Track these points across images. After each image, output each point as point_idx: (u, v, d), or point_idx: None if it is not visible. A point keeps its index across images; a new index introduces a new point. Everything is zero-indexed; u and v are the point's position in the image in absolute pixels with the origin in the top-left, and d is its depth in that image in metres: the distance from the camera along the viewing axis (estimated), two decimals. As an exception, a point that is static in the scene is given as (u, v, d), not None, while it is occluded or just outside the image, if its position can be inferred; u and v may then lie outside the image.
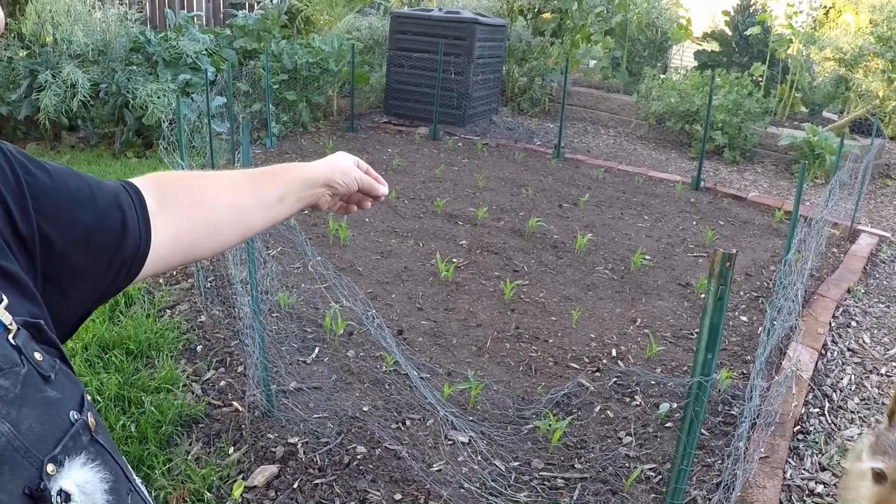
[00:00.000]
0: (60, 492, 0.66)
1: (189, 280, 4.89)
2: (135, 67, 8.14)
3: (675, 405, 3.73)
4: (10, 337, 0.69)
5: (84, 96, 7.62)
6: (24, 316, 0.73)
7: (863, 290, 5.61)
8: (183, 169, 4.41)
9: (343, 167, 1.33)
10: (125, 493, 0.77)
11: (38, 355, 0.72)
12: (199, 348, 4.06)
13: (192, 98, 7.84)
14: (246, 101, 9.23)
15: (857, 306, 5.32)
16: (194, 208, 1.06)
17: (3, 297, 0.71)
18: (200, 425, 3.37)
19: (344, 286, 2.92)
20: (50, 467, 0.66)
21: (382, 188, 1.43)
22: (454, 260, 5.45)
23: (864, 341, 4.80)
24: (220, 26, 11.97)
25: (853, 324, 5.04)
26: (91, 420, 0.76)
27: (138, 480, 0.86)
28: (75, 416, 0.73)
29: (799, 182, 3.91)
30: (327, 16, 11.99)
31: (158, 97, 7.73)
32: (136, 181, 1.01)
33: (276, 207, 1.19)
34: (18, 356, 0.69)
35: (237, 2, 12.57)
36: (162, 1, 11.27)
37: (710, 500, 3.01)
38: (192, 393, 3.61)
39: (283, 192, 1.19)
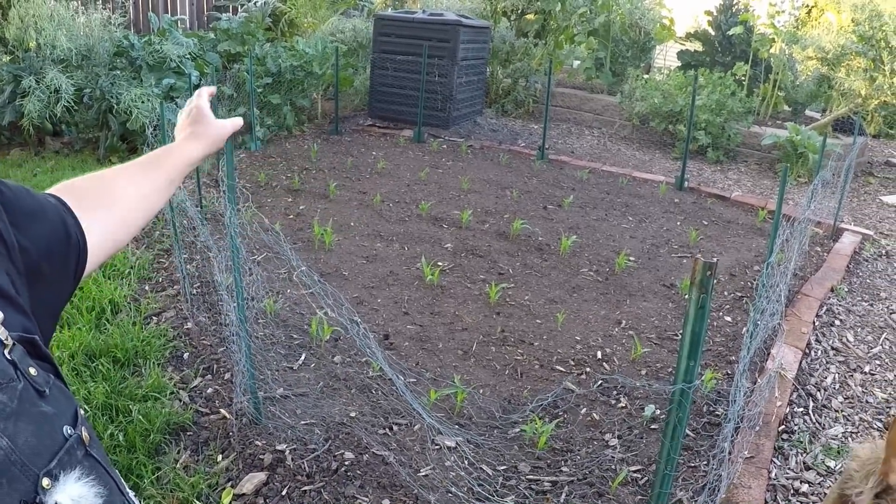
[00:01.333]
0: None
1: (175, 287, 4.89)
2: (118, 72, 8.11)
3: (659, 410, 3.76)
4: (7, 352, 0.70)
5: (68, 101, 7.59)
6: (18, 331, 0.75)
7: (846, 289, 5.65)
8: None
9: (215, 137, 1.47)
10: None
11: (32, 370, 0.73)
12: (185, 355, 4.06)
13: (176, 103, 7.82)
14: (230, 104, 9.20)
15: (840, 305, 5.36)
16: (109, 208, 1.14)
17: (0, 312, 0.72)
18: (188, 433, 3.38)
19: (328, 294, 2.93)
20: (45, 481, 0.67)
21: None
22: (439, 263, 5.47)
23: (847, 340, 4.84)
24: (203, 29, 11.93)
25: (837, 322, 5.09)
26: (85, 435, 0.77)
27: (131, 493, 0.88)
28: (69, 432, 0.74)
29: (781, 185, 3.94)
30: (311, 18, 11.97)
31: (143, 102, 7.71)
32: (55, 191, 1.08)
33: (169, 188, 1.31)
34: (14, 371, 0.70)
35: (221, 5, 12.53)
36: (145, 4, 11.23)
37: (695, 501, 3.03)
38: (180, 401, 3.62)
39: (170, 175, 1.32)
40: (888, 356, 4.67)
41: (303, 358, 4.00)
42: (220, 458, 3.20)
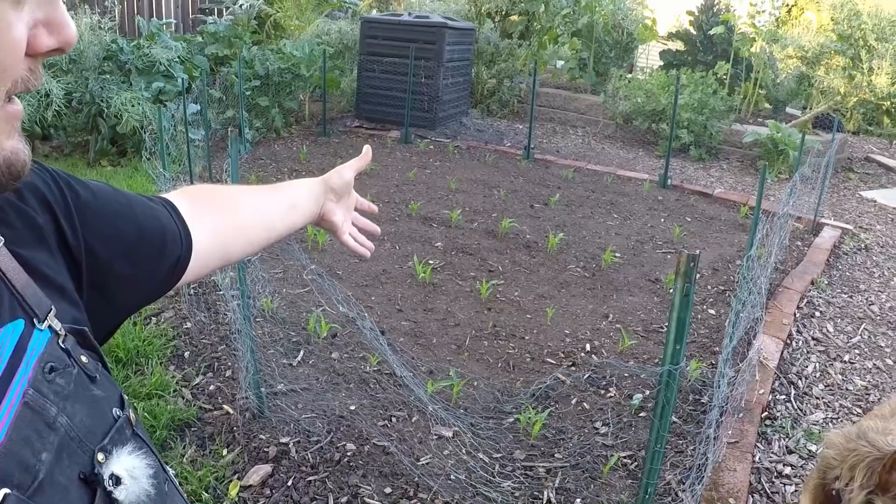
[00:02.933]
0: (112, 475, 0.74)
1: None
2: (108, 76, 8.18)
3: (647, 393, 3.89)
4: (60, 341, 0.78)
5: (58, 106, 7.65)
6: (69, 323, 0.82)
7: (826, 282, 5.80)
8: (165, 179, 4.51)
9: (335, 171, 1.52)
10: (163, 481, 0.85)
11: (84, 358, 0.80)
12: (186, 354, 4.16)
13: (165, 106, 7.90)
14: (219, 107, 9.29)
15: (820, 297, 5.52)
16: (224, 212, 1.20)
17: (53, 306, 0.79)
18: (193, 429, 3.48)
19: (336, 291, 3.04)
20: (100, 456, 0.74)
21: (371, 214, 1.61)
22: (431, 262, 5.58)
23: (827, 330, 4.99)
24: (189, 32, 11.99)
25: (817, 314, 5.24)
26: (132, 416, 0.85)
27: (172, 472, 0.94)
28: (118, 413, 0.82)
29: (760, 181, 4.08)
30: (297, 21, 12.05)
31: (132, 105, 7.79)
32: (170, 195, 1.13)
33: (292, 213, 1.36)
34: (68, 358, 0.77)
35: (206, 7, 12.60)
36: (131, 8, 11.30)
37: (683, 483, 3.17)
38: (183, 398, 3.72)
39: (292, 199, 1.38)
40: (867, 346, 4.82)
41: (301, 354, 4.11)
42: (225, 451, 3.30)
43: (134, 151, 7.92)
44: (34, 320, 0.76)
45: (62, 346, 0.78)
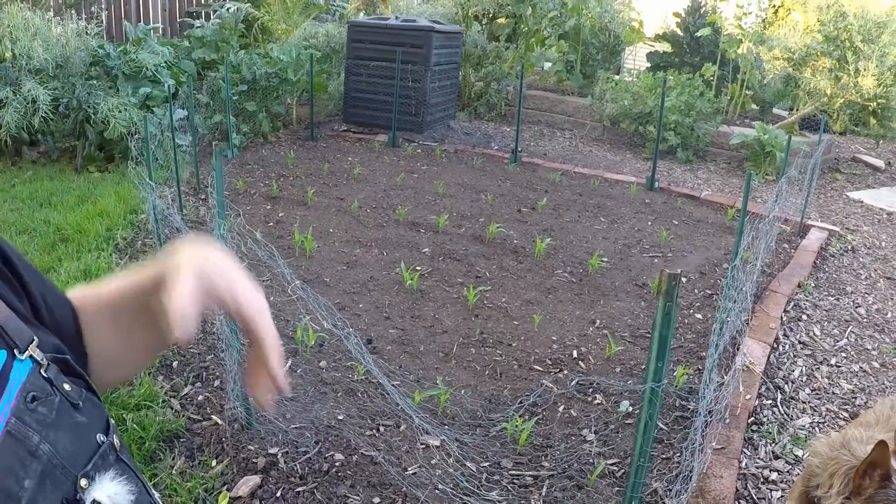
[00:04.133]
0: (94, 502, 0.77)
1: (160, 295, 4.97)
2: (95, 82, 8.17)
3: (633, 407, 3.91)
4: (43, 371, 0.79)
5: (45, 112, 7.63)
6: (51, 352, 0.84)
7: (813, 284, 5.83)
8: (151, 187, 4.51)
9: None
10: None
11: (66, 386, 0.82)
12: (174, 364, 4.16)
13: (153, 111, 7.89)
14: (206, 112, 9.28)
15: (807, 300, 5.54)
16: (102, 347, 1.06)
17: (35, 336, 0.81)
18: (182, 440, 3.48)
19: (321, 305, 3.05)
20: (83, 482, 0.76)
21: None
22: (418, 268, 5.59)
23: (814, 334, 5.02)
24: (177, 36, 11.98)
25: (804, 317, 5.26)
26: (116, 441, 0.86)
27: (157, 495, 0.95)
28: (101, 439, 0.83)
29: (746, 186, 4.11)
30: (284, 24, 12.05)
31: (119, 111, 7.77)
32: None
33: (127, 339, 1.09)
34: (50, 387, 0.79)
35: (193, 11, 12.58)
36: (118, 13, 11.27)
37: (670, 490, 3.19)
38: (172, 409, 3.72)
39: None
40: (853, 349, 4.85)
41: (289, 364, 4.12)
42: (214, 462, 3.31)
43: (122, 157, 7.90)
44: (15, 351, 0.77)
45: (44, 375, 0.79)
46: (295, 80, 10.01)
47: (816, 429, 3.89)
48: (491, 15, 12.89)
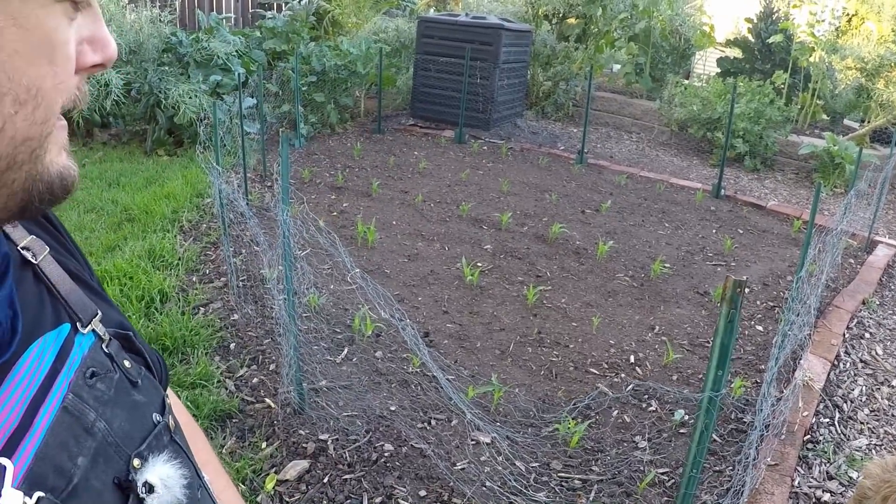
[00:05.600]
0: (145, 483, 0.75)
1: (222, 279, 5.05)
2: (166, 68, 8.32)
3: (688, 416, 3.86)
4: (104, 346, 0.79)
5: (117, 95, 7.78)
6: (114, 327, 0.84)
7: (878, 302, 5.70)
8: (217, 172, 4.57)
9: None
10: (196, 489, 0.86)
11: (127, 363, 0.81)
12: (232, 346, 4.21)
13: (222, 98, 8.01)
14: (275, 102, 9.39)
15: (871, 318, 5.42)
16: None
17: (99, 311, 0.81)
18: (234, 420, 3.53)
19: (380, 296, 3.06)
20: (136, 462, 0.75)
21: None
22: (479, 264, 5.59)
23: (876, 353, 4.90)
24: (248, 26, 12.13)
25: (867, 335, 5.14)
26: (171, 422, 0.86)
27: (207, 478, 0.95)
28: (158, 419, 0.82)
29: (814, 198, 4.02)
30: (355, 18, 12.13)
31: (190, 97, 7.91)
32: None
33: None
34: (111, 363, 0.79)
35: (265, 2, 12.73)
36: (192, 2, 11.45)
37: None
38: (226, 389, 3.77)
39: None
40: (917, 370, 4.73)
41: (345, 352, 4.15)
42: (264, 445, 3.35)
43: (190, 142, 8.04)
44: (78, 325, 0.77)
45: (105, 350, 0.79)
46: (364, 73, 10.08)
47: (873, 451, 3.80)
48: (561, 15, 12.81)
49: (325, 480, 3.12)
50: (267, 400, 3.69)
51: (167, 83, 8.09)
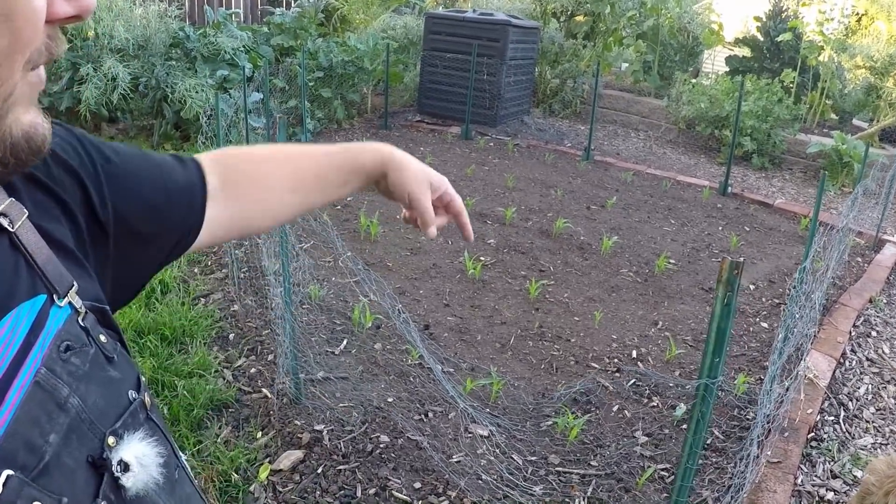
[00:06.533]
0: (120, 461, 0.72)
1: (223, 270, 5.03)
2: (174, 63, 8.31)
3: (688, 410, 3.81)
4: (80, 319, 0.76)
5: (124, 89, 7.78)
6: (91, 300, 0.80)
7: (885, 300, 5.64)
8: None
9: (439, 176, 1.29)
10: (174, 468, 0.84)
11: (102, 337, 0.78)
12: (231, 336, 4.19)
13: (229, 93, 7.99)
14: (282, 97, 9.38)
15: (878, 316, 5.37)
16: (254, 195, 1.13)
17: (75, 282, 0.77)
18: (230, 410, 3.51)
19: (373, 282, 3.03)
20: (111, 440, 0.72)
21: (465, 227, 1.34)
22: (482, 258, 5.56)
23: (883, 351, 4.85)
24: (257, 23, 12.13)
25: (873, 333, 5.09)
26: (147, 399, 0.83)
27: (183, 457, 0.93)
28: (133, 395, 0.80)
29: (819, 192, 3.97)
30: (363, 14, 12.12)
31: (197, 92, 7.89)
32: (206, 159, 1.07)
33: (338, 191, 1.24)
34: (87, 337, 0.75)
35: (274, -2, 12.74)
36: (201, -4, 11.46)
37: (719, 501, 3.10)
38: (224, 379, 3.75)
39: (346, 178, 1.23)
40: (924, 368, 4.68)
41: (344, 343, 4.12)
42: (259, 434, 3.32)
43: (197, 136, 8.03)
44: (54, 296, 0.74)
45: (81, 324, 0.76)
46: (371, 70, 10.07)
47: (878, 450, 3.74)
48: (569, 12, 12.77)
49: (319, 471, 3.09)
50: (264, 390, 3.67)
51: (174, 78, 8.08)
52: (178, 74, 8.13)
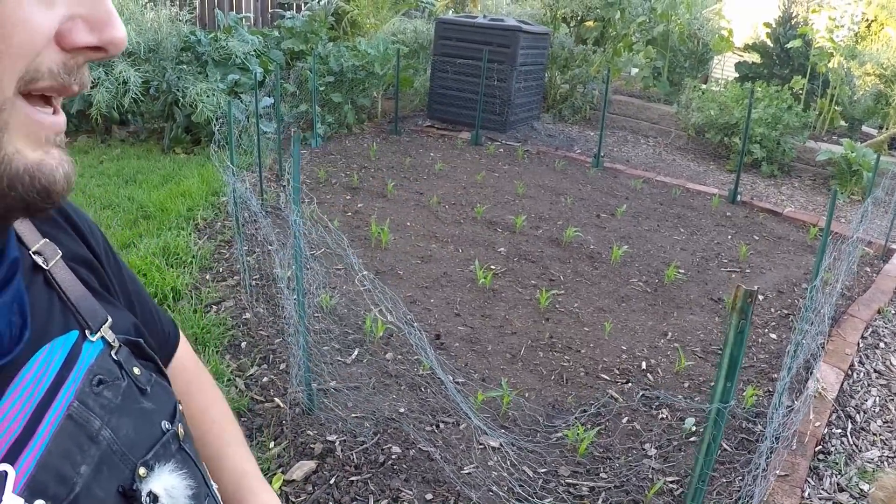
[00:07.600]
0: (150, 493, 0.74)
1: (235, 277, 5.07)
2: (185, 66, 8.36)
3: (697, 423, 3.83)
4: (113, 353, 0.78)
5: (135, 93, 7.83)
6: (124, 334, 0.83)
7: (893, 311, 5.64)
8: (233, 169, 4.58)
9: None
10: (203, 498, 0.85)
11: (136, 370, 0.81)
12: (243, 345, 4.22)
13: (240, 98, 8.03)
14: (293, 101, 9.41)
15: (886, 327, 5.37)
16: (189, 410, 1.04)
17: (109, 316, 0.81)
18: (243, 419, 3.54)
19: (387, 298, 3.06)
20: (142, 470, 0.74)
21: None
22: (492, 267, 5.58)
23: (891, 363, 4.86)
24: (267, 26, 12.17)
25: (882, 345, 5.10)
26: (180, 430, 0.85)
27: (215, 487, 0.94)
28: (167, 426, 0.82)
29: (830, 206, 3.98)
30: (373, 19, 12.14)
31: (208, 96, 7.94)
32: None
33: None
34: (119, 370, 0.78)
35: (285, 2, 12.76)
36: (211, 2, 11.49)
37: (729, 513, 3.12)
38: (236, 388, 3.78)
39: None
40: (932, 381, 4.69)
41: (356, 353, 4.15)
42: (272, 444, 3.35)
43: (207, 140, 8.07)
44: (87, 332, 0.77)
45: (114, 357, 0.79)
46: (381, 74, 10.09)
47: (886, 463, 3.76)
48: (579, 17, 12.79)
49: (332, 482, 3.12)
50: (276, 399, 3.69)
51: (185, 82, 8.13)
52: (189, 78, 8.17)
